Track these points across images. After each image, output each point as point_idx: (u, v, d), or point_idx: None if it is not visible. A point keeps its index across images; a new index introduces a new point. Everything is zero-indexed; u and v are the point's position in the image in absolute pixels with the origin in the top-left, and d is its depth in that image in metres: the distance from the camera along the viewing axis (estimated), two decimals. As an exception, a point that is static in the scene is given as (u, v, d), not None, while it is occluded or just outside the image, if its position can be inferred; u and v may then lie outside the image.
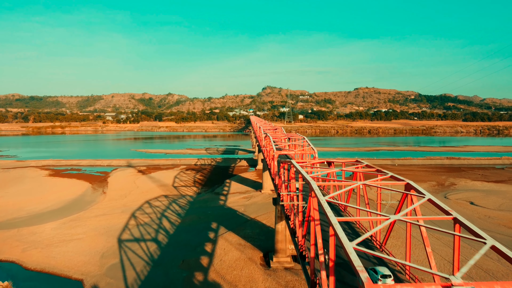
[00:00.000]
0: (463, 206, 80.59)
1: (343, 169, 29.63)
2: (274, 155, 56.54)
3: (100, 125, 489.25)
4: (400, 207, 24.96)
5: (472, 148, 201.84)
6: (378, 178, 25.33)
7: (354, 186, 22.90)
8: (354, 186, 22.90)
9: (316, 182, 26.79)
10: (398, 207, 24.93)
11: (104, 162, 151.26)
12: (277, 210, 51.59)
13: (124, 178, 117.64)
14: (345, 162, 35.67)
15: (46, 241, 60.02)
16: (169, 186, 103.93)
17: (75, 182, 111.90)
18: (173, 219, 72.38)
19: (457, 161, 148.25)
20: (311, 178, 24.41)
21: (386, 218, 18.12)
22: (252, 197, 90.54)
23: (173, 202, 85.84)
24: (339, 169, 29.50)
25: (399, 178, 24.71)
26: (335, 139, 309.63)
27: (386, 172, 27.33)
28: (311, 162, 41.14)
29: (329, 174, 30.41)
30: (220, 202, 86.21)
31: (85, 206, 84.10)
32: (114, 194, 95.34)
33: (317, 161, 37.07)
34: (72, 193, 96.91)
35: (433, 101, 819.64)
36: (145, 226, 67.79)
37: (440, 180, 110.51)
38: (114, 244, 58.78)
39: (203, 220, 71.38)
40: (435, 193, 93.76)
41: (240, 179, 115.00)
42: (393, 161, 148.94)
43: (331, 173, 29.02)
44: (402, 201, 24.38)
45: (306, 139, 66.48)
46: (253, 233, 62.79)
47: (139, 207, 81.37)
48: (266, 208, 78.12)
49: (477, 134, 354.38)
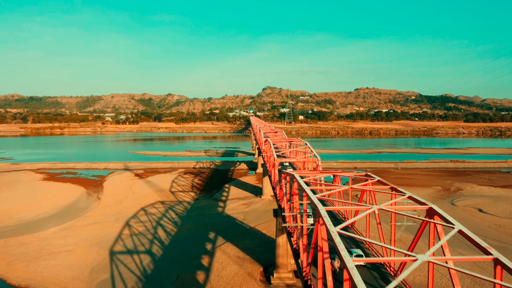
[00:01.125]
0: (471, 213, 77.32)
1: (351, 187, 26.35)
2: (275, 162, 53.30)
3: (99, 126, 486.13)
4: (419, 236, 21.62)
5: (476, 151, 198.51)
6: (393, 201, 22.08)
7: (369, 211, 19.66)
8: (369, 211, 19.66)
9: (319, 196, 23.60)
10: (417, 235, 21.59)
11: (101, 165, 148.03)
12: (278, 223, 48.43)
13: (120, 182, 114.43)
14: (352, 175, 32.44)
15: (34, 253, 56.80)
16: (166, 192, 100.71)
17: (70, 187, 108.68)
18: (169, 228, 69.16)
19: (462, 164, 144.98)
20: (318, 200, 21.14)
21: (413, 259, 14.88)
22: (251, 203, 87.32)
23: (169, 209, 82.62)
24: (348, 186, 26.24)
25: (420, 201, 21.44)
26: (336, 140, 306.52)
27: (403, 192, 24.08)
28: (315, 173, 37.95)
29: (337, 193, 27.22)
30: (218, 209, 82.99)
31: (78, 213, 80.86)
32: (109, 200, 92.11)
33: (322, 175, 33.85)
34: (66, 199, 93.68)
35: (433, 101, 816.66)
36: (140, 236, 64.56)
37: (445, 185, 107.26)
38: (105, 257, 55.55)
39: (201, 230, 68.17)
40: (442, 199, 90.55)
41: (240, 184, 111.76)
42: (396, 164, 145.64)
43: (339, 191, 25.76)
44: (422, 229, 21.04)
45: (309, 145, 63.30)
46: (253, 244, 59.58)
47: (134, 214, 78.15)
48: (266, 216, 74.94)
49: (479, 135, 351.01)
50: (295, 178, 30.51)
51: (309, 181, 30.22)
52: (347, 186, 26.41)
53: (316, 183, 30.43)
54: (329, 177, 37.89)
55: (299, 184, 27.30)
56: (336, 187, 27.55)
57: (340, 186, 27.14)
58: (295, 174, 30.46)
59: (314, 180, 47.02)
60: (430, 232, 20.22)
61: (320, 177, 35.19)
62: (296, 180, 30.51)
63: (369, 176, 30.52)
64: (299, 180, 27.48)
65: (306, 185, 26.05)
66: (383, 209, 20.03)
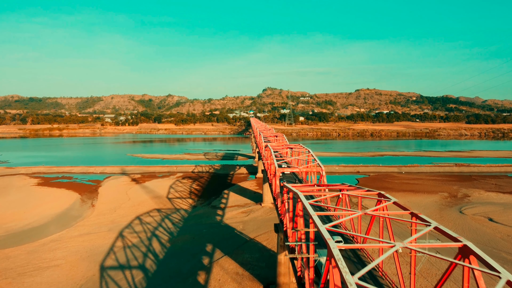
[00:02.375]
0: (481, 223, 73.80)
1: (366, 212, 22.86)
2: (276, 172, 49.88)
3: (99, 127, 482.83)
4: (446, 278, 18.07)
5: (480, 154, 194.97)
6: (417, 236, 18.61)
7: (392, 250, 16.21)
8: (392, 250, 16.21)
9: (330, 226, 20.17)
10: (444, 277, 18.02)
11: (97, 169, 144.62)
12: (280, 239, 44.96)
13: (116, 188, 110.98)
14: (363, 194, 28.99)
15: (19, 269, 53.35)
16: (163, 198, 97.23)
17: (64, 193, 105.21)
18: (164, 240, 65.69)
19: (467, 168, 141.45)
20: (329, 232, 17.68)
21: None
22: (251, 211, 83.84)
23: (165, 218, 79.16)
24: (361, 212, 22.76)
25: (451, 236, 17.92)
26: (337, 142, 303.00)
27: (427, 221, 20.56)
28: (320, 191, 34.51)
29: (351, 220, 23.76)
30: (216, 218, 79.50)
31: (70, 222, 77.42)
32: (104, 207, 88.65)
33: (329, 194, 30.41)
34: (59, 206, 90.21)
35: (434, 102, 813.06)
36: (133, 249, 61.09)
37: (452, 191, 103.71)
38: (95, 272, 52.09)
39: (197, 241, 64.70)
40: (449, 206, 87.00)
41: (239, 190, 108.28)
42: (400, 168, 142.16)
43: (350, 217, 22.31)
44: (450, 271, 17.49)
45: (311, 152, 59.81)
46: (252, 259, 56.10)
47: (129, 224, 74.70)
48: (266, 226, 71.47)
49: (482, 137, 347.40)
50: (299, 198, 27.08)
51: (316, 202, 26.78)
52: (361, 211, 22.87)
53: (325, 206, 26.87)
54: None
55: (305, 208, 23.85)
56: (348, 212, 24.10)
57: (352, 211, 23.63)
58: (300, 193, 27.00)
59: (323, 202, 43.53)
60: (463, 277, 16.69)
61: (327, 196, 31.60)
62: (300, 200, 27.09)
63: (383, 196, 27.01)
64: (305, 203, 24.02)
65: (313, 210, 22.59)
66: (409, 247, 16.56)
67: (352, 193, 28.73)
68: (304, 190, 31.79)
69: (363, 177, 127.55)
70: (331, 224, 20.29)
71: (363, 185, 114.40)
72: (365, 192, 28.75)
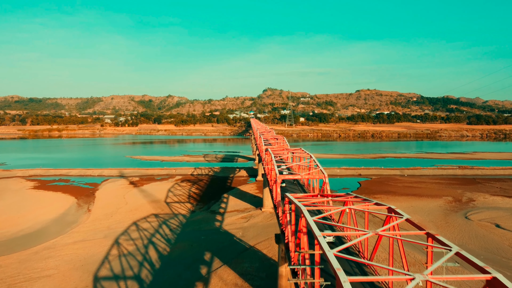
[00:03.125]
0: (488, 229, 71.61)
1: (378, 233, 20.67)
2: (277, 179, 47.73)
3: (98, 128, 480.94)
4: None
5: (483, 155, 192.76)
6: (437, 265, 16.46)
7: (412, 285, 14.09)
8: (412, 285, 14.09)
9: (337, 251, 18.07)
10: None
11: (95, 172, 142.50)
12: (281, 250, 42.84)
13: (114, 191, 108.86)
14: (372, 210, 26.84)
15: (9, 280, 51.22)
16: (161, 203, 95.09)
17: (60, 196, 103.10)
18: (162, 247, 63.54)
19: (471, 171, 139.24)
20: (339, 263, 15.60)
21: None
22: (251, 217, 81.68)
23: (163, 224, 77.03)
24: (372, 232, 20.61)
25: (478, 265, 15.79)
26: (337, 143, 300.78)
27: (447, 245, 18.39)
28: (324, 204, 32.42)
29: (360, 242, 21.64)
30: (215, 224, 77.35)
31: (65, 228, 75.29)
32: (100, 212, 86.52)
33: (333, 210, 28.29)
34: (54, 211, 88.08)
35: (435, 103, 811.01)
36: (129, 258, 58.95)
37: (456, 195, 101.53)
38: (88, 283, 49.94)
39: (195, 249, 62.55)
40: (454, 211, 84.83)
41: (239, 193, 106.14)
42: (402, 171, 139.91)
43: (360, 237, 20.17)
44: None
45: (314, 157, 57.68)
46: (252, 268, 53.93)
47: (125, 230, 72.57)
48: (266, 233, 69.33)
49: (483, 138, 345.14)
50: (302, 213, 24.95)
51: (322, 219, 24.63)
52: (371, 232, 20.69)
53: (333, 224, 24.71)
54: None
55: (310, 226, 21.72)
56: (358, 232, 21.92)
57: (362, 232, 21.44)
58: (303, 208, 24.86)
59: (330, 217, 41.29)
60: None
61: (332, 208, 29.43)
62: (303, 215, 24.96)
63: (393, 211, 24.82)
64: (310, 221, 21.88)
65: (319, 231, 20.45)
66: (430, 280, 14.44)
67: (359, 207, 26.54)
68: (307, 203, 29.64)
69: (365, 180, 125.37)
70: (339, 249, 18.13)
71: (365, 188, 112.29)
72: (374, 206, 26.57)
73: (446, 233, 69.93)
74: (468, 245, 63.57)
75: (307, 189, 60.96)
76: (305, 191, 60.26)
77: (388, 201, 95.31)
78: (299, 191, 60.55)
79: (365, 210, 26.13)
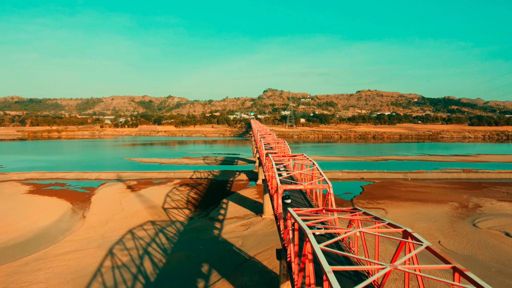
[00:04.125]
0: (498, 239, 68.74)
1: (397, 267, 17.82)
2: (279, 190, 44.98)
3: (98, 130, 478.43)
4: None
5: (487, 158, 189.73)
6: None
7: None
8: None
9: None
10: None
11: (92, 175, 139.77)
12: (282, 267, 40.00)
13: (110, 196, 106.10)
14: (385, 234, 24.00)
15: (-5, 295, 48.53)
16: (158, 208, 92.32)
17: (55, 202, 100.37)
18: (157, 258, 60.77)
19: (475, 174, 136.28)
20: None
21: None
22: (251, 224, 78.86)
23: (160, 232, 74.26)
24: (390, 266, 17.76)
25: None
26: (339, 145, 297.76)
27: (475, 281, 15.57)
28: (328, 219, 29.62)
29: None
30: (214, 232, 74.55)
31: (58, 236, 72.58)
32: (95, 219, 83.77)
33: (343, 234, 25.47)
34: (48, 217, 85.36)
35: (436, 104, 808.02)
36: (122, 270, 56.18)
37: (462, 201, 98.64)
38: (78, 299, 47.21)
39: (193, 260, 59.76)
40: (461, 218, 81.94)
41: (239, 199, 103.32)
42: (406, 174, 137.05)
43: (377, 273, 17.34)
44: None
45: (317, 165, 54.87)
46: (252, 282, 51.11)
47: (120, 239, 69.81)
48: (267, 242, 66.46)
49: (486, 140, 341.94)
50: (308, 238, 22.16)
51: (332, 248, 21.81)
52: (390, 266, 17.84)
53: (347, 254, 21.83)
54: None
55: (317, 257, 18.92)
56: (374, 267, 19.05)
57: (380, 265, 18.58)
58: (309, 232, 22.06)
59: (341, 241, 37.96)
60: None
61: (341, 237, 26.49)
62: (309, 240, 22.16)
63: (410, 235, 21.97)
64: (318, 251, 19.08)
65: (328, 265, 17.64)
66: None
67: (369, 230, 23.64)
68: (312, 222, 26.81)
69: (368, 184, 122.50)
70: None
71: (368, 193, 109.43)
72: (387, 229, 23.73)
73: (454, 243, 67.13)
74: (478, 256, 60.72)
75: (310, 198, 58.21)
76: (307, 200, 57.52)
77: (392, 207, 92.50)
78: (301, 199, 57.80)
79: (377, 234, 23.28)
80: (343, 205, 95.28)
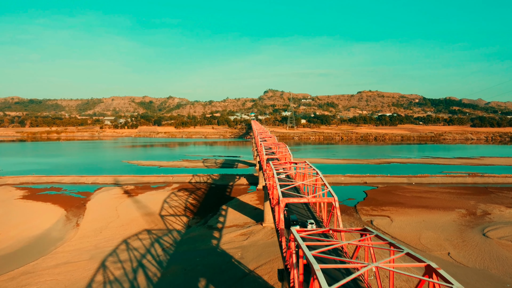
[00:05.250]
0: (511, 250, 65.42)
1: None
2: (280, 204, 41.79)
3: (97, 130, 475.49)
4: None
5: (492, 161, 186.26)
6: None
7: None
8: None
9: None
10: None
11: (89, 179, 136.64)
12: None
13: (106, 202, 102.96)
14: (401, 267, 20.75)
15: (-24, 315, 45.39)
16: (155, 216, 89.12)
17: (49, 208, 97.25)
18: (152, 272, 57.57)
19: (481, 179, 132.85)
20: None
21: None
22: (251, 233, 75.65)
23: (156, 242, 71.08)
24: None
25: None
26: (340, 147, 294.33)
27: None
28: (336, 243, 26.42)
29: None
30: (212, 242, 71.34)
31: (49, 247, 69.41)
32: (89, 227, 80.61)
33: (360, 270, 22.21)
34: (40, 225, 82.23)
35: (437, 104, 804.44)
36: (114, 285, 53.00)
37: (469, 207, 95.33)
38: (65, 320, 44.04)
39: (189, 274, 56.56)
40: (470, 227, 78.63)
41: (239, 205, 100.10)
42: (410, 179, 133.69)
43: None
44: None
45: (321, 175, 51.65)
46: (252, 301, 47.94)
47: (113, 250, 66.64)
48: (267, 253, 63.32)
49: (489, 141, 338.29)
50: (316, 275, 18.96)
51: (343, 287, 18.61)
52: None
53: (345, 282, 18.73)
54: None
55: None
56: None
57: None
58: (318, 271, 18.86)
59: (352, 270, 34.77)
60: None
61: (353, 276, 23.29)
62: (316, 278, 18.99)
63: (434, 272, 18.76)
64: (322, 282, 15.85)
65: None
66: None
67: (385, 265, 20.41)
68: (319, 250, 23.61)
69: (371, 189, 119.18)
70: None
71: (372, 199, 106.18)
72: (405, 264, 20.47)
73: (464, 254, 63.86)
74: (491, 270, 57.43)
75: (313, 209, 55.03)
76: (310, 211, 54.36)
77: (397, 214, 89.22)
78: (304, 210, 54.68)
79: (392, 269, 20.03)
80: (347, 212, 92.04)
